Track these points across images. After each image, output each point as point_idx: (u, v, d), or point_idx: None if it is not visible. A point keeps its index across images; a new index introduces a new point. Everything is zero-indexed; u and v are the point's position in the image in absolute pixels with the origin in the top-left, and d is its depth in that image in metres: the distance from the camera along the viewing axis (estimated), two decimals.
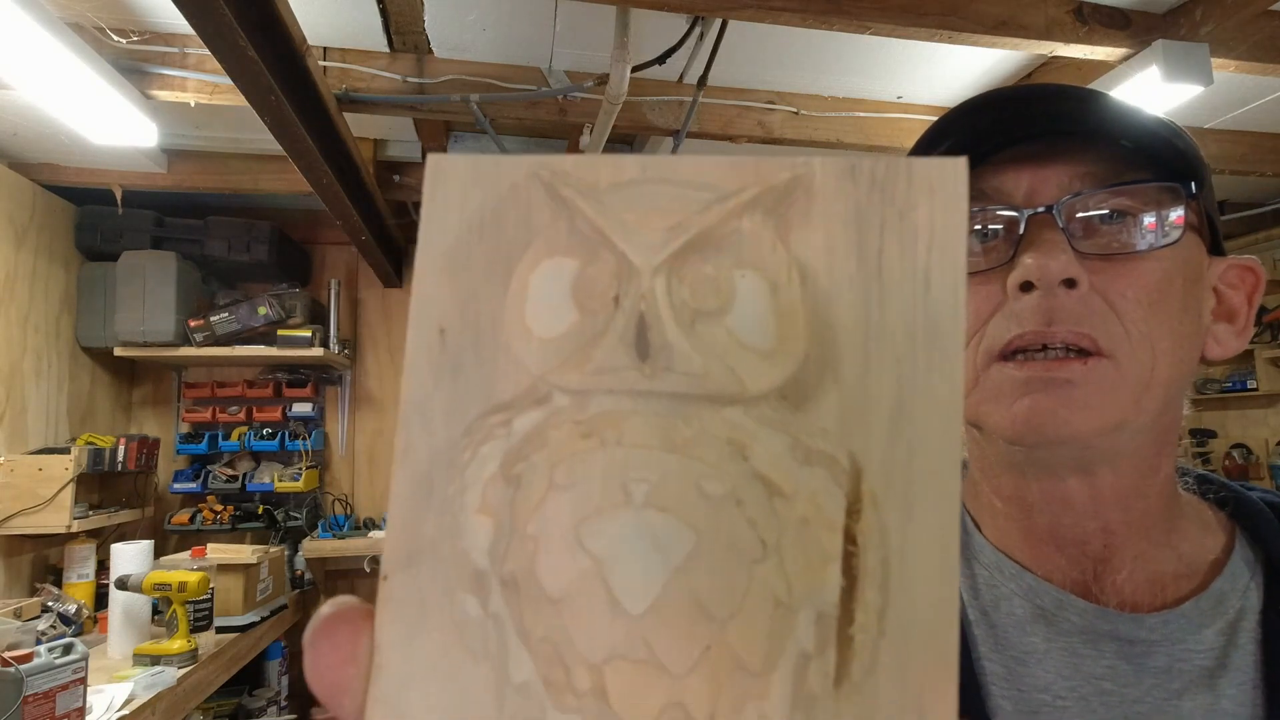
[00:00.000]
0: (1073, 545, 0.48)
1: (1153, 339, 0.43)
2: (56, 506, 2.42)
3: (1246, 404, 3.66)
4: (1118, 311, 0.43)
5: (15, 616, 2.09)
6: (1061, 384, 0.43)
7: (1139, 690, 0.45)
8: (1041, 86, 0.51)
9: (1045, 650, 0.47)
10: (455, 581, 0.19)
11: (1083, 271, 0.43)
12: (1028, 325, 0.43)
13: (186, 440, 3.14)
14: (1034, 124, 0.46)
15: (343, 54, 2.11)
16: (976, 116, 0.49)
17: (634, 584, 0.18)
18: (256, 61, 1.50)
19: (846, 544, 0.18)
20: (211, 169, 2.78)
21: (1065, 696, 0.45)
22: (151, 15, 1.94)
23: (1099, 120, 0.46)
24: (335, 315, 3.18)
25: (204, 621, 2.30)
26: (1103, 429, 0.43)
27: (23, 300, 2.59)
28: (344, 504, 3.30)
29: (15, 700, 1.44)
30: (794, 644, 0.18)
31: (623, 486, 0.19)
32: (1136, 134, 0.45)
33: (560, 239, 0.20)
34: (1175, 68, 1.83)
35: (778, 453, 0.19)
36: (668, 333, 0.20)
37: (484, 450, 0.20)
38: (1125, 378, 0.43)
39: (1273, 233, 3.47)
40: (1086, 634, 0.46)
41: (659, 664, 0.18)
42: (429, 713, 0.19)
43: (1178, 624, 0.46)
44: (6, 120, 2.36)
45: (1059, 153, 0.46)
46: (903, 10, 1.74)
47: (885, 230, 0.19)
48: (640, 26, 1.90)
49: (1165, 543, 0.48)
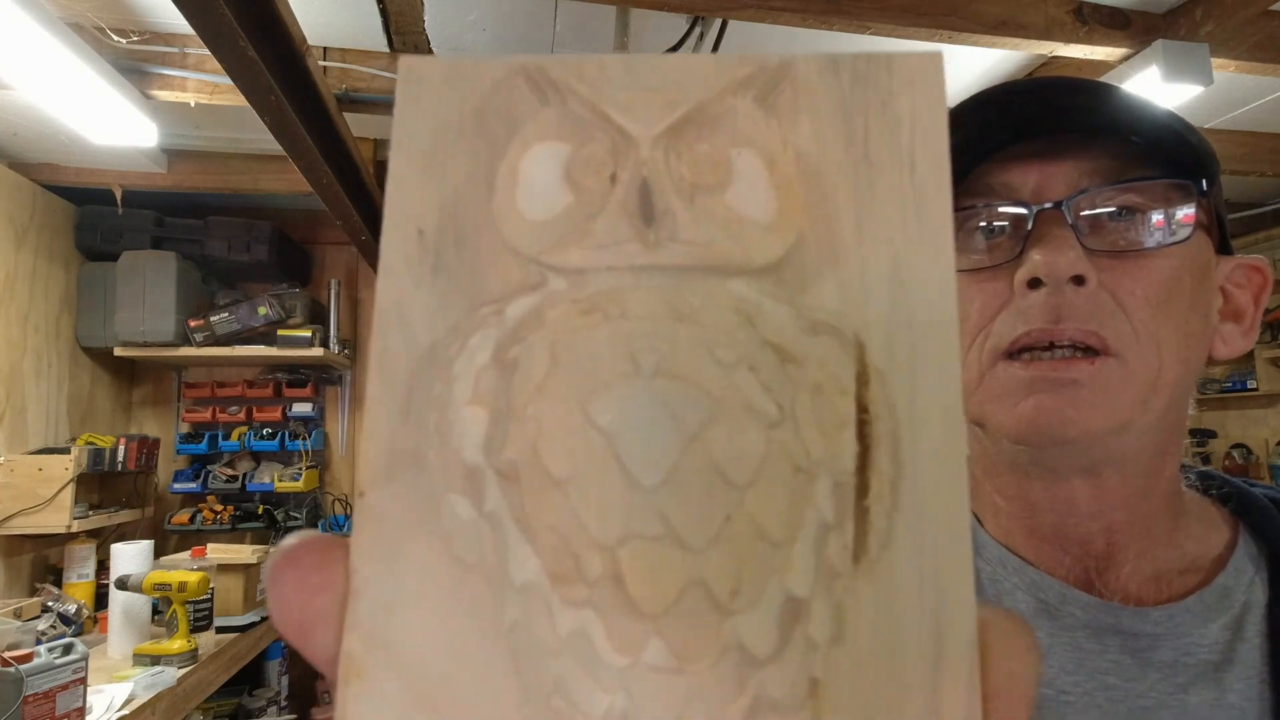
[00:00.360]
0: (1076, 544, 0.48)
1: (1160, 338, 0.43)
2: (56, 506, 2.42)
3: (1246, 404, 3.66)
4: (1126, 310, 0.43)
5: (15, 616, 2.09)
6: (1068, 384, 0.42)
7: (1144, 685, 0.44)
8: (1052, 80, 0.50)
9: (1049, 645, 0.46)
10: (443, 486, 0.18)
11: (1091, 269, 0.42)
12: (1035, 323, 0.43)
13: (186, 440, 3.14)
14: (1042, 119, 0.46)
15: (343, 54, 2.11)
16: (985, 110, 0.48)
17: (648, 455, 0.18)
18: (256, 61, 1.50)
19: (859, 411, 0.18)
20: (211, 169, 2.78)
21: (1069, 691, 0.45)
22: (151, 15, 1.94)
23: (1109, 115, 0.46)
24: (335, 315, 3.18)
25: (204, 621, 2.29)
26: (1109, 430, 0.43)
27: (23, 300, 2.59)
28: (344, 504, 3.30)
29: (15, 700, 1.44)
30: (814, 513, 0.17)
31: (630, 357, 0.18)
32: (1147, 129, 0.44)
33: (550, 124, 0.20)
34: (1175, 68, 1.83)
35: (785, 322, 0.18)
36: (670, 199, 0.19)
37: (474, 341, 0.19)
38: (1132, 378, 0.43)
39: (1273, 233, 3.47)
40: (1090, 628, 0.46)
41: (677, 538, 0.17)
42: (416, 635, 0.17)
43: (1182, 618, 0.45)
44: (6, 120, 2.36)
45: (1068, 148, 0.45)
46: (903, 10, 1.74)
47: (870, 119, 0.19)
48: (640, 26, 1.91)
49: (1169, 541, 0.48)
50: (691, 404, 0.18)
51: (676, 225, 0.19)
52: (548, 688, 0.17)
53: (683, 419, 0.18)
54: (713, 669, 0.17)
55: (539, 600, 0.17)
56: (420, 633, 0.17)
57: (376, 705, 0.17)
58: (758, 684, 0.17)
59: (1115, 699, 0.44)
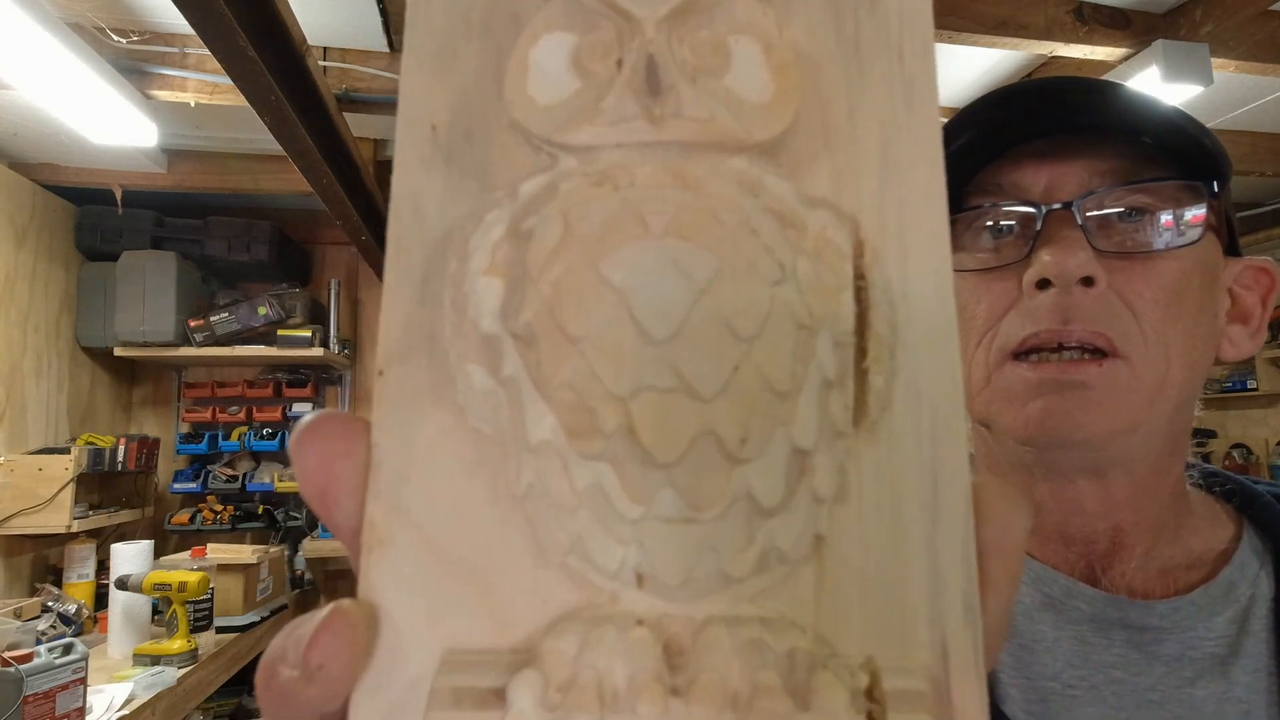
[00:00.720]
0: (1081, 542, 0.48)
1: (1168, 340, 0.43)
2: (56, 506, 2.42)
3: (1246, 404, 3.66)
4: (1134, 311, 0.43)
5: (15, 616, 2.09)
6: (1077, 386, 0.42)
7: (1151, 678, 0.44)
8: (1061, 79, 0.50)
9: (1054, 639, 0.46)
10: (460, 357, 0.19)
11: (1100, 270, 0.42)
12: (1044, 324, 0.43)
13: (186, 440, 3.14)
14: (1052, 119, 0.46)
15: (343, 54, 2.11)
16: (994, 110, 0.48)
17: (659, 309, 0.18)
18: (256, 61, 1.50)
19: (856, 278, 0.19)
20: (211, 169, 2.78)
21: (1075, 685, 0.45)
22: (151, 15, 1.94)
23: (1119, 115, 0.45)
24: (335, 315, 3.18)
25: (204, 621, 2.29)
26: (1116, 432, 0.43)
27: (23, 300, 2.59)
28: None
29: (15, 700, 1.44)
30: (816, 368, 0.18)
31: (640, 219, 0.19)
32: (1157, 129, 0.44)
33: (557, 15, 0.21)
34: (1175, 68, 1.83)
35: (785, 194, 0.19)
36: (675, 77, 0.20)
37: (489, 217, 0.19)
38: (1140, 380, 0.43)
39: (1273, 233, 3.48)
40: (1095, 622, 0.46)
41: (688, 388, 0.18)
42: (435, 502, 0.18)
43: (1188, 611, 0.45)
44: (6, 120, 2.36)
45: (1077, 148, 0.45)
46: None
47: (859, 15, 0.20)
48: None
49: (1174, 538, 0.48)
50: (699, 261, 0.19)
51: (680, 102, 0.20)
52: (564, 546, 0.18)
53: (692, 275, 0.19)
54: (723, 519, 0.18)
55: (555, 459, 0.18)
56: (439, 500, 0.18)
57: (397, 571, 0.18)
58: (766, 534, 0.18)
59: (1122, 693, 0.44)
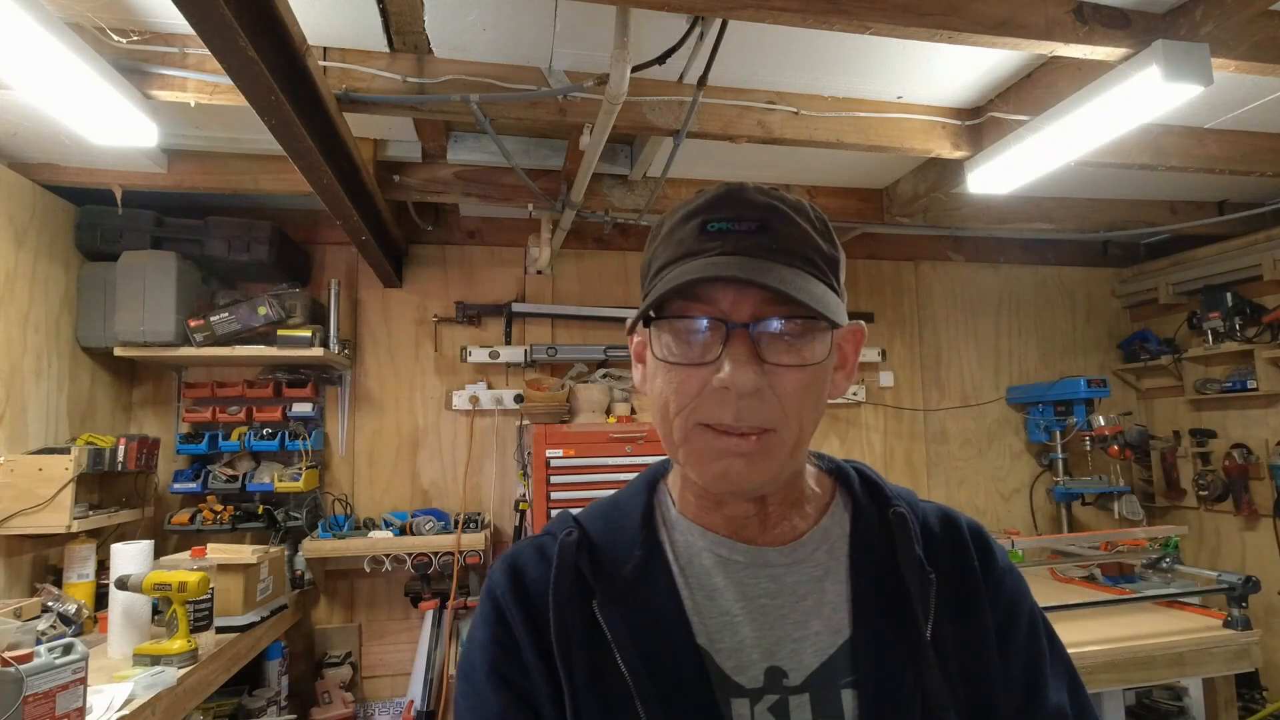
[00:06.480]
0: (740, 523, 0.72)
1: (802, 413, 0.64)
2: (56, 506, 2.42)
3: (1246, 404, 3.66)
4: (783, 402, 0.63)
5: (15, 616, 2.09)
6: (744, 454, 0.63)
7: (780, 599, 0.69)
8: (743, 213, 0.66)
9: (724, 585, 0.70)
10: None
11: (764, 380, 0.62)
12: (725, 417, 0.62)
13: (186, 440, 3.14)
14: (739, 268, 0.63)
15: (343, 54, 2.11)
16: (697, 245, 0.65)
17: None
18: (256, 61, 1.50)
19: None
20: (211, 169, 2.78)
21: (738, 614, 0.68)
22: (151, 15, 1.94)
23: (783, 248, 0.64)
24: (335, 315, 3.18)
25: (204, 621, 2.29)
26: (768, 480, 0.66)
27: (23, 300, 2.59)
28: (344, 504, 3.30)
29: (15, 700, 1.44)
30: None
31: None
32: (806, 251, 0.65)
33: None
34: (1175, 68, 1.83)
35: None
36: None
37: None
38: (785, 443, 0.64)
39: (1273, 233, 3.47)
40: (749, 568, 0.70)
41: None
42: None
43: (801, 551, 0.72)
44: (6, 120, 2.36)
45: (751, 285, 0.62)
46: (903, 10, 1.74)
47: None
48: (640, 26, 1.90)
49: (799, 510, 0.74)
50: None
51: None
52: None
53: None
54: None
55: None
56: None
57: None
58: None
59: (766, 612, 0.69)
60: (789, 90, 2.41)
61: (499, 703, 0.66)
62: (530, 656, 0.67)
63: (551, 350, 3.48)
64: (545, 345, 3.50)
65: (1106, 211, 3.52)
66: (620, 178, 3.05)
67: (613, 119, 2.00)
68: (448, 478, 3.45)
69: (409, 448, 3.43)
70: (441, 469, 3.45)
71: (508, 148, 2.63)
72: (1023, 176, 2.59)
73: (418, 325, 3.51)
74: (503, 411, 3.50)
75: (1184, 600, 2.69)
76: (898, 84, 2.40)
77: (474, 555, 3.08)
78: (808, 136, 2.43)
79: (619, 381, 3.44)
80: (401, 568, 3.13)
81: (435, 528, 3.11)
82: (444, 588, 3.16)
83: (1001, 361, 4.17)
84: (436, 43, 2.11)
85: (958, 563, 0.73)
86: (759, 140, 2.42)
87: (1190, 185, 3.40)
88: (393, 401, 3.44)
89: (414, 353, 3.49)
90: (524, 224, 3.59)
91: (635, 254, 3.77)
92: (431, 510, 3.29)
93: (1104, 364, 4.28)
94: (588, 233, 3.64)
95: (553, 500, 2.99)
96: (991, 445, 4.07)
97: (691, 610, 0.68)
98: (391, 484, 3.40)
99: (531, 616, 0.68)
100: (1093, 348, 4.29)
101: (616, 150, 2.94)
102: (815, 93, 2.43)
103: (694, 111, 2.19)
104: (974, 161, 2.59)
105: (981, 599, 0.72)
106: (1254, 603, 2.66)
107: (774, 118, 2.41)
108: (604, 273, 3.73)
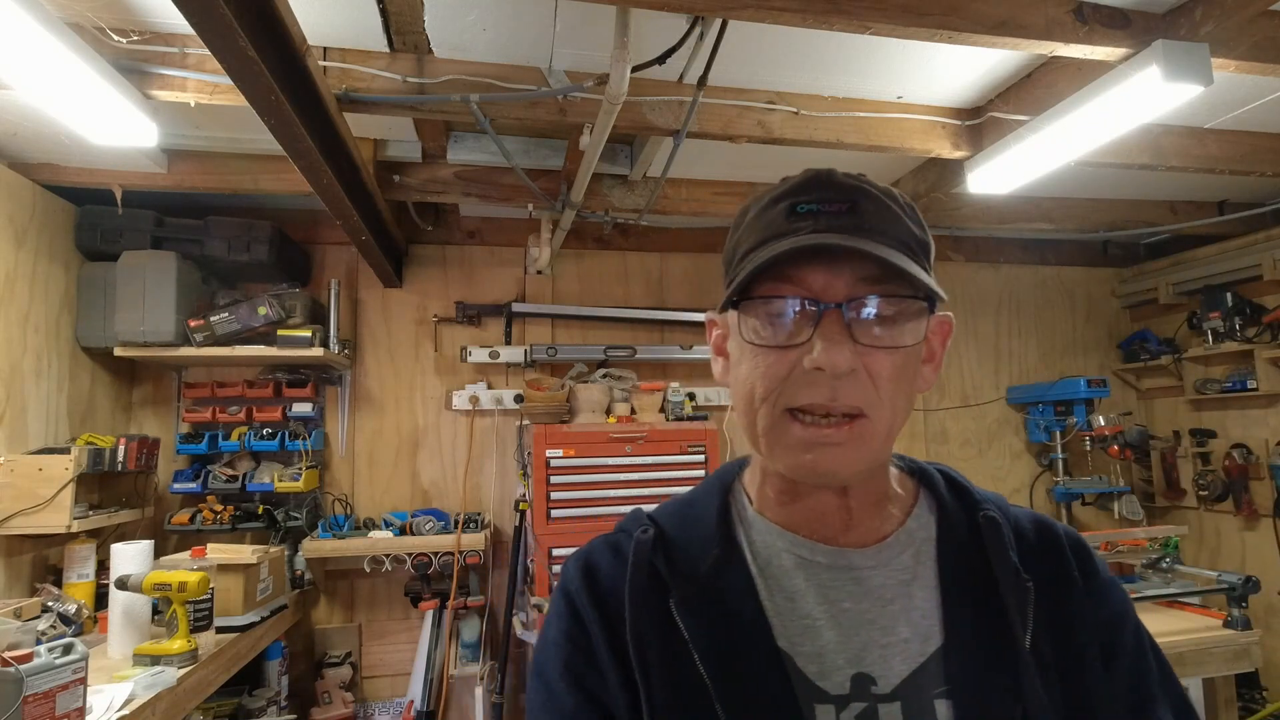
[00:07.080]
0: (822, 521, 0.69)
1: (894, 400, 0.62)
2: (56, 506, 2.42)
3: (1246, 404, 3.66)
4: (876, 385, 0.61)
5: (15, 616, 2.09)
6: (835, 444, 0.61)
7: (865, 604, 0.66)
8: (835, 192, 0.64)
9: (805, 588, 0.67)
10: None
11: (859, 361, 0.60)
12: (818, 398, 0.60)
13: (186, 440, 3.14)
14: (832, 239, 0.61)
15: (343, 54, 2.11)
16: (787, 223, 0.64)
17: None
18: (256, 61, 1.50)
19: None
20: (211, 169, 2.78)
21: (820, 618, 0.66)
22: (151, 15, 1.94)
23: (875, 227, 0.62)
24: (335, 315, 3.18)
25: (204, 621, 2.29)
26: (858, 472, 0.64)
27: (23, 300, 2.59)
28: (344, 504, 3.30)
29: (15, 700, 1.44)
30: None
31: None
32: (899, 235, 0.63)
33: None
34: (1175, 68, 1.83)
35: None
36: None
37: None
38: (877, 431, 0.62)
39: (1273, 233, 3.47)
40: (831, 571, 0.67)
41: None
42: None
43: (886, 554, 0.68)
44: (6, 120, 2.36)
45: (845, 258, 0.61)
46: (903, 10, 1.74)
47: None
48: (640, 26, 1.90)
49: (882, 509, 0.71)
50: None
51: None
52: None
53: None
54: None
55: None
56: None
57: None
58: None
59: (850, 616, 0.66)
60: (789, 90, 2.41)
61: (573, 701, 0.64)
62: (604, 655, 0.65)
63: (551, 350, 3.48)
64: (545, 345, 3.50)
65: (1106, 211, 3.52)
66: (620, 178, 3.05)
67: (613, 119, 2.00)
68: (448, 478, 3.45)
69: (409, 448, 3.43)
70: (441, 469, 3.45)
71: (508, 148, 2.63)
72: (1023, 176, 2.59)
73: (418, 325, 3.51)
74: (503, 411, 3.50)
75: (1184, 600, 2.69)
76: (898, 84, 2.40)
77: (474, 555, 3.08)
78: (808, 136, 2.43)
79: (619, 381, 3.44)
80: (401, 568, 3.13)
81: (435, 528, 3.11)
82: (444, 588, 3.16)
83: (1001, 361, 4.17)
84: (436, 43, 2.11)
85: (1055, 572, 0.70)
86: (759, 140, 2.42)
87: (1190, 185, 3.40)
88: (393, 401, 3.44)
89: (414, 353, 3.49)
90: (524, 224, 3.59)
91: (635, 254, 3.77)
92: (431, 510, 3.29)
93: (1104, 364, 4.28)
94: (588, 233, 3.63)
95: (553, 500, 2.99)
96: (991, 445, 4.07)
97: (771, 612, 0.66)
98: (391, 484, 3.40)
99: (606, 614, 0.66)
100: (1093, 348, 4.30)
101: (616, 150, 2.94)
102: (815, 93, 2.43)
103: (694, 111, 2.19)
104: (974, 161, 2.59)
105: (1083, 611, 0.68)
106: (1254, 603, 2.66)
107: (774, 118, 2.41)
108: (604, 273, 3.73)
